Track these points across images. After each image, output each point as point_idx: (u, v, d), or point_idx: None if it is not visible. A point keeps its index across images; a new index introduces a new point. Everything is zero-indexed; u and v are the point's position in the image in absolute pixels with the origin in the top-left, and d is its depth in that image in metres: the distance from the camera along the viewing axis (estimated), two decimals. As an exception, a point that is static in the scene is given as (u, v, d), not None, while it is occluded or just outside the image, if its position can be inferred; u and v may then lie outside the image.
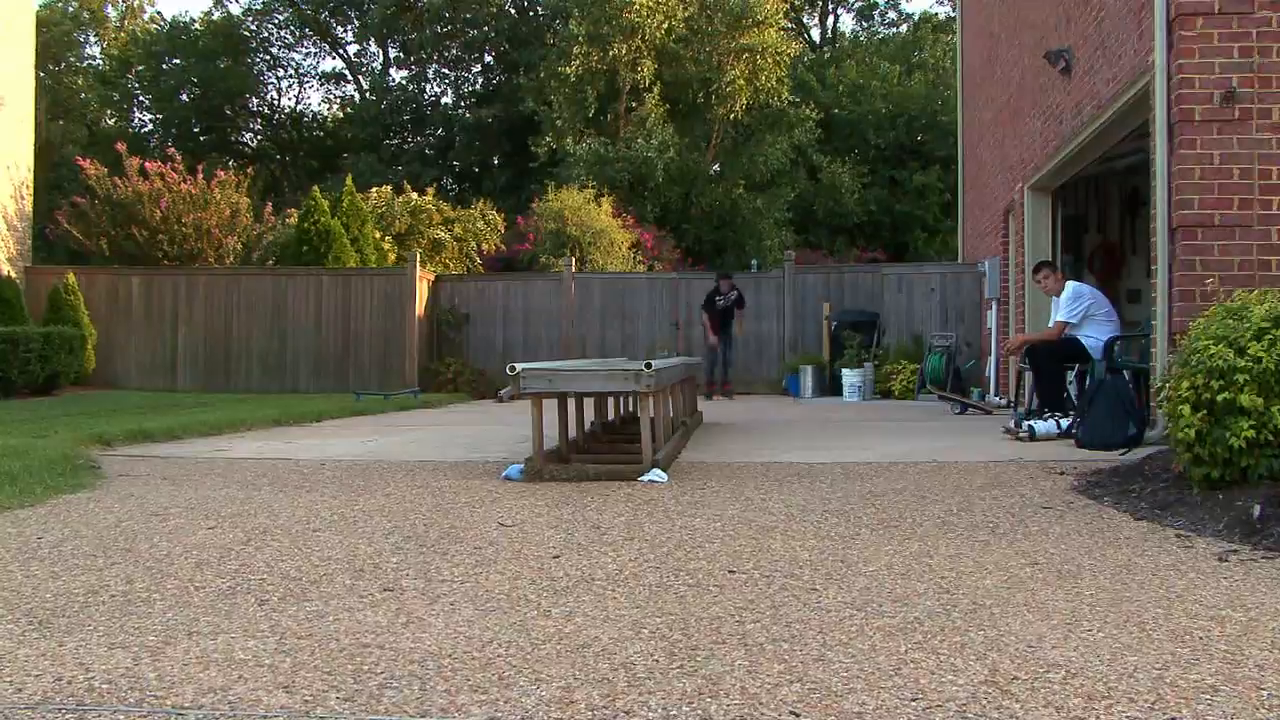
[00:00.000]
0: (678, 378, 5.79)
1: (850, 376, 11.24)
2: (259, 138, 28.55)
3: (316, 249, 13.10)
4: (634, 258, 16.33)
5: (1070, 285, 6.15)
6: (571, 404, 5.11)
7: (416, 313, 12.50)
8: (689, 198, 20.11)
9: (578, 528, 3.24)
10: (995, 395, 9.52)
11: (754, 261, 16.61)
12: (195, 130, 25.78)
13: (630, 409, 7.24)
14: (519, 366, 4.34)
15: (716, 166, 20.90)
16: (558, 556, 2.82)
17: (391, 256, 14.63)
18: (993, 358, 10.03)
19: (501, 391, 11.64)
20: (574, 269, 13.40)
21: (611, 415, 6.38)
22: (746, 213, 19.99)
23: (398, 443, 6.19)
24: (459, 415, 9.31)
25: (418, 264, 12.61)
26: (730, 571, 2.64)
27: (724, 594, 2.40)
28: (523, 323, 13.11)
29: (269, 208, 15.54)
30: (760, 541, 3.01)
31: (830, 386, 12.06)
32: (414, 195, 15.62)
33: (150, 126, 25.83)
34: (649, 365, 4.32)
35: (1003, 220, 10.08)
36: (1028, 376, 6.40)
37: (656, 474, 4.34)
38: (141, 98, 25.88)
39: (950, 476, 4.34)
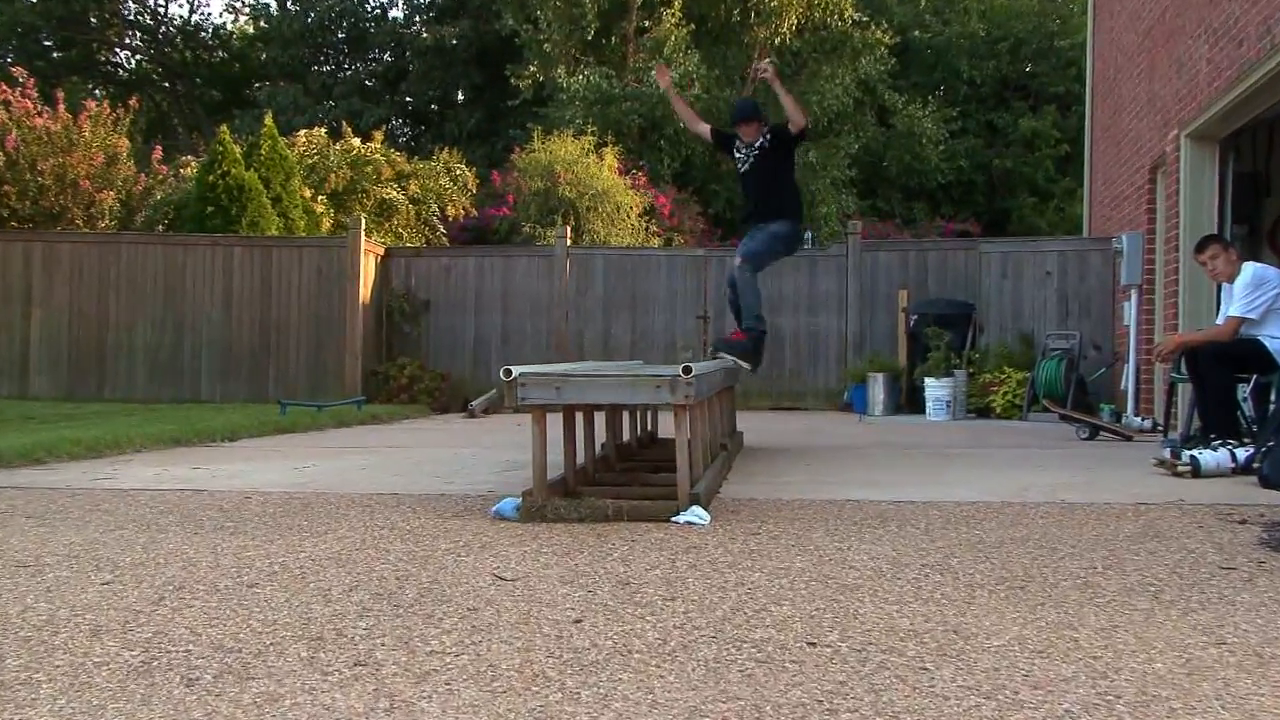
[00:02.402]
0: (717, 387, 5.80)
1: (936, 388, 11.26)
2: (139, 58, 28.51)
3: (225, 210, 13.16)
4: (646, 228, 16.37)
5: (1249, 268, 6.13)
6: (580, 420, 5.12)
7: (360, 297, 12.54)
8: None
9: (600, 583, 3.24)
10: (1135, 415, 9.52)
11: (807, 234, 16.61)
12: (47, 44, 25.50)
13: (649, 428, 7.25)
14: (516, 370, 4.35)
15: (755, 107, 20.93)
16: (579, 621, 2.81)
17: (326, 222, 14.69)
18: (1131, 364, 10.03)
19: (473, 403, 11.66)
20: (569, 242, 13.45)
21: (626, 435, 6.38)
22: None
23: (344, 469, 6.21)
24: (420, 433, 9.32)
25: (362, 232, 12.67)
26: (810, 643, 2.63)
27: (805, 673, 2.39)
28: (501, 312, 13.17)
29: (157, 153, 15.58)
30: (844, 604, 3.00)
31: (908, 400, 12.06)
32: (355, 141, 15.69)
33: (-21, 36, 25.38)
34: (687, 370, 4.32)
35: (1149, 180, 10.07)
36: (1185, 390, 6.40)
37: (696, 513, 4.34)
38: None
39: (1086, 523, 4.34)
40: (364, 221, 13.01)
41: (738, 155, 6.97)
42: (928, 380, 11.31)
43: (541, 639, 2.65)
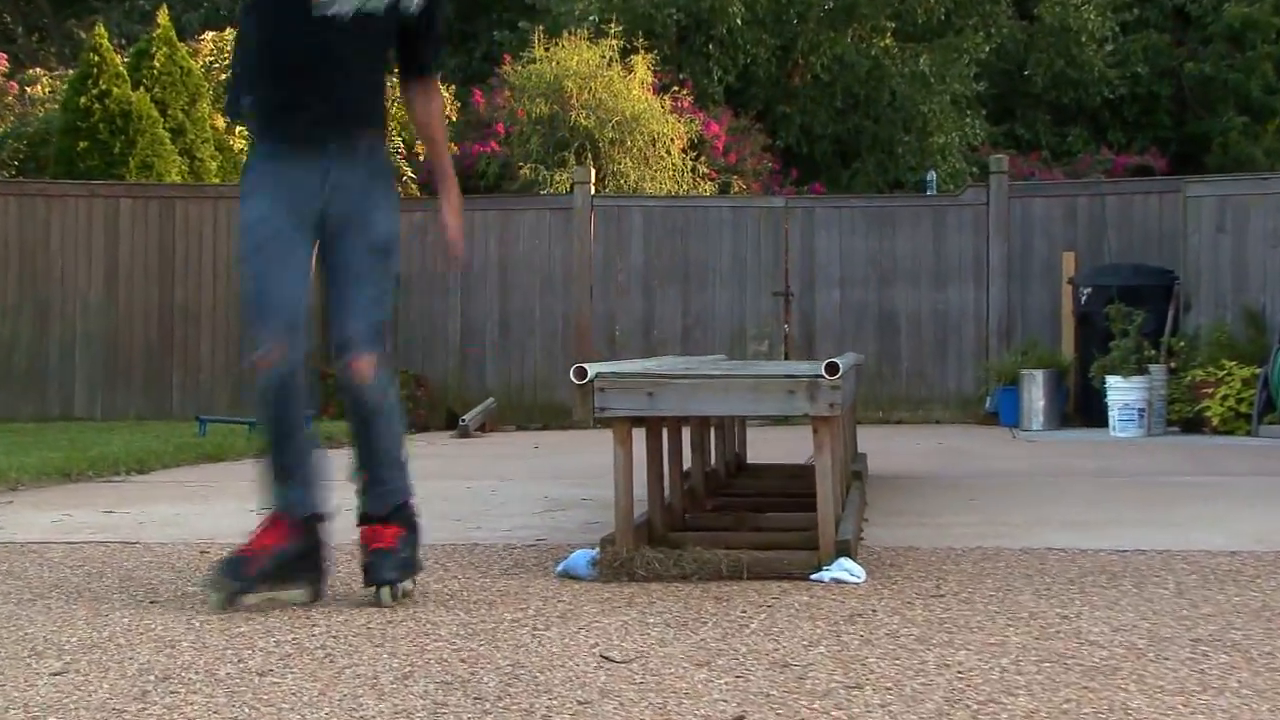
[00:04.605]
0: (854, 394, 5.84)
1: (1123, 390, 11.25)
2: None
3: (105, 146, 13.24)
4: (693, 169, 16.38)
5: None
6: (665, 438, 5.17)
7: (301, 269, 12.60)
8: (789, 56, 20.14)
9: (749, 664, 3.28)
10: None
11: (929, 175, 16.65)
12: None
13: (737, 448, 7.30)
14: (593, 369, 4.39)
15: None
16: (740, 719, 2.85)
17: (248, 164, 14.75)
18: None
19: (466, 418, 11.71)
20: (593, 189, 13.49)
21: (714, 458, 6.43)
22: (899, 83, 20.01)
23: (321, 511, 6.30)
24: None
25: (303, 178, 12.72)
26: (1074, 750, 2.66)
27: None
28: (498, 290, 13.26)
29: (1, 64, 15.61)
30: (1102, 694, 3.03)
31: (1079, 408, 12.08)
32: (285, 49, 15.73)
33: None
34: (833, 368, 4.35)
35: None
36: None
37: (845, 567, 4.39)
38: None
39: None
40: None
41: None
42: (1110, 380, 11.28)
43: (701, 744, 2.69)
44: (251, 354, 4.04)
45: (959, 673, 3.21)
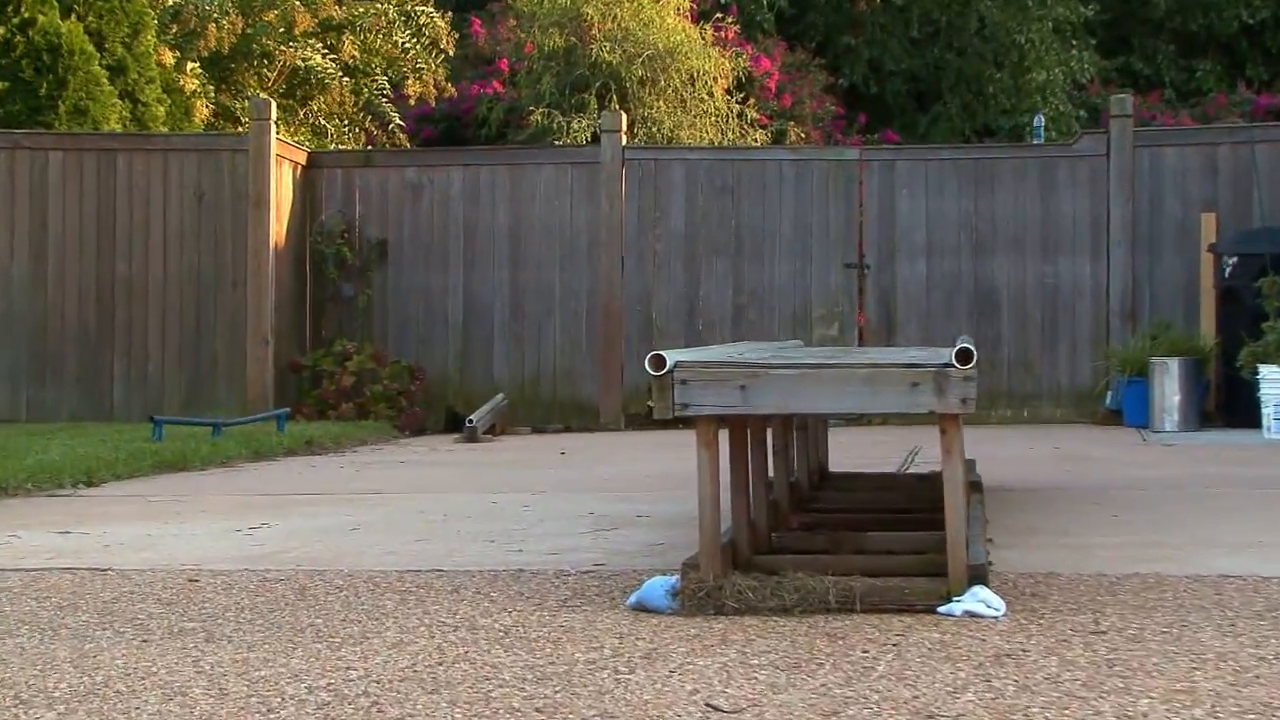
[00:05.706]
0: (975, 383, 5.85)
1: (1279, 383, 11.20)
2: None
3: (30, 87, 13.29)
4: (740, 114, 16.35)
5: None
6: (749, 442, 5.17)
7: (271, 237, 12.68)
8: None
9: (887, 716, 3.29)
10: None
11: (1038, 120, 16.59)
12: None
13: (819, 453, 7.30)
14: (672, 357, 4.38)
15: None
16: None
17: (203, 108, 14.78)
18: None
19: (473, 417, 11.69)
20: (624, 138, 13.45)
21: (795, 466, 6.45)
22: (989, 7, 19.97)
23: (322, 531, 6.35)
24: (406, 469, 9.52)
25: (272, 124, 12.78)
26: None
27: None
28: (508, 262, 13.28)
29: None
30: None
31: (1223, 404, 12.02)
32: (246, -29, 15.79)
33: None
34: (966, 356, 4.35)
35: None
36: None
37: (980, 598, 4.39)
38: None
39: None
40: (274, 107, 13.11)
41: None
42: (1264, 370, 11.23)
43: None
44: None
45: (1146, 729, 3.22)
